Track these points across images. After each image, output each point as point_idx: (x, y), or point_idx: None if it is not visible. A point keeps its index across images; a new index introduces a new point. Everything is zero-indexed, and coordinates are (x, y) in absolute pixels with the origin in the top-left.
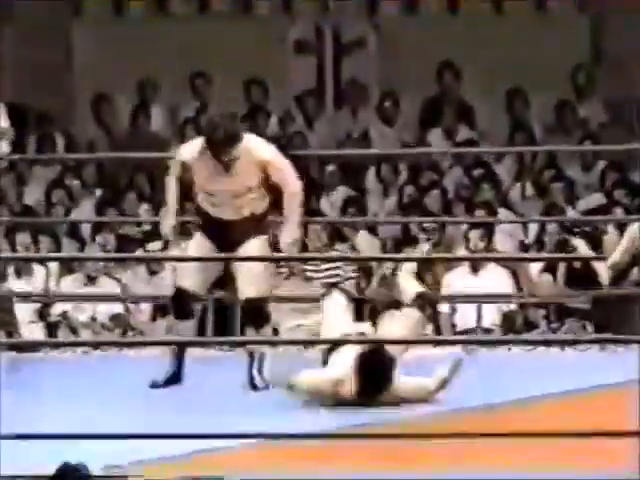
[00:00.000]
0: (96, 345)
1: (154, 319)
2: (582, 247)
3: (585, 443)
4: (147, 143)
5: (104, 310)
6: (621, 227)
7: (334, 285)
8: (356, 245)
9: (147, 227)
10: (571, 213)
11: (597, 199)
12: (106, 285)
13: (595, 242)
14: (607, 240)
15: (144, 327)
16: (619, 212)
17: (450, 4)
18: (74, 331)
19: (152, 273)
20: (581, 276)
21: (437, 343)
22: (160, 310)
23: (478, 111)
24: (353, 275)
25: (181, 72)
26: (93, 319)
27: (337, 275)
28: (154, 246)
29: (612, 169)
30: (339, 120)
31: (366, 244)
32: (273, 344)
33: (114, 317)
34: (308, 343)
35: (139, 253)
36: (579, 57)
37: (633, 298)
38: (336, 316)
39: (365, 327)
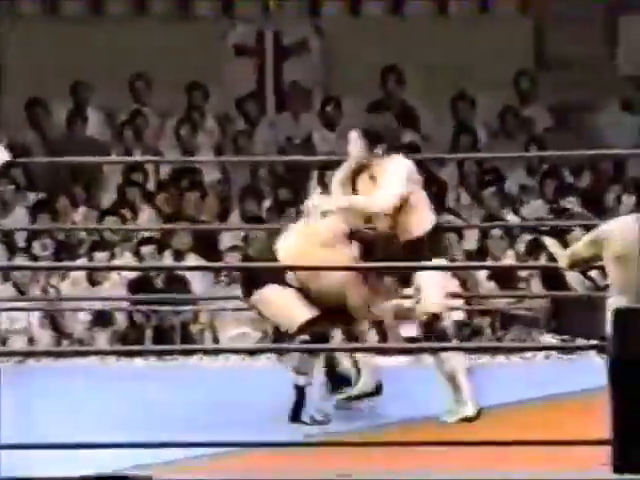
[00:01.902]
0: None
1: (93, 329)
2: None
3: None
4: (84, 147)
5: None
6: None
7: None
8: None
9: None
10: (513, 218)
11: (539, 205)
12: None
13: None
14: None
15: (84, 336)
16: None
17: (393, 6)
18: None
19: (94, 283)
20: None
21: (383, 352)
22: (100, 320)
23: (422, 115)
24: None
25: (119, 74)
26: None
27: None
28: (101, 256)
29: (553, 174)
30: (281, 124)
31: None
32: (217, 353)
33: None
34: (253, 352)
35: (82, 262)
36: (523, 60)
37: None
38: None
39: None
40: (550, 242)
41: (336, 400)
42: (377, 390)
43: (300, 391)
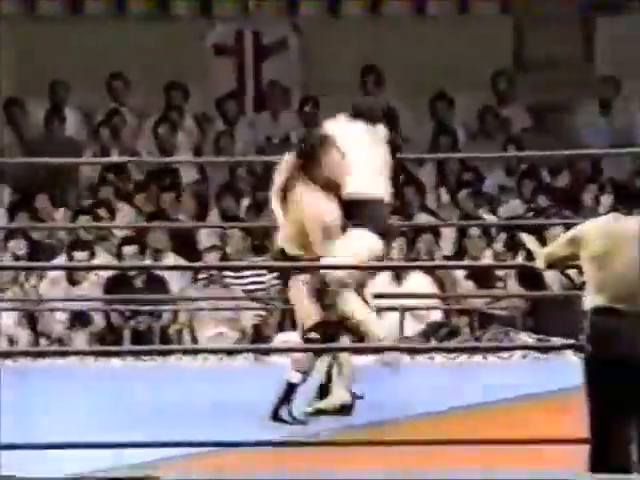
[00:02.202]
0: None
1: (71, 328)
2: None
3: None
4: (61, 147)
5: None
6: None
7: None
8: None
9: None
10: (491, 218)
11: (516, 205)
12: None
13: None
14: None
15: (62, 336)
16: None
17: (371, 6)
18: None
19: (73, 283)
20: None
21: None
22: (78, 320)
23: (401, 115)
24: (275, 282)
25: (97, 74)
26: None
27: (260, 282)
28: (80, 256)
29: (531, 174)
30: (260, 123)
31: None
32: (195, 353)
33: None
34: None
35: (60, 261)
36: (502, 61)
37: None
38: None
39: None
40: (527, 239)
41: (304, 412)
42: (348, 409)
43: (290, 389)
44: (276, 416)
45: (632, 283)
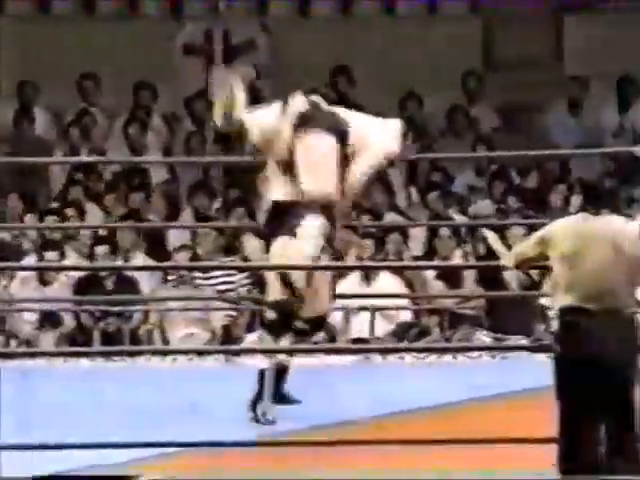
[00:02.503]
0: None
1: (40, 329)
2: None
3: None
4: (31, 147)
5: None
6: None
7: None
8: (248, 254)
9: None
10: (460, 218)
11: (486, 205)
12: None
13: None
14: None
15: (31, 337)
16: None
17: (341, 6)
18: None
19: (44, 283)
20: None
21: (331, 352)
22: (47, 320)
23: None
24: (245, 282)
25: (67, 74)
26: None
27: (230, 282)
28: (51, 256)
29: (501, 175)
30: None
31: (255, 250)
32: (165, 354)
33: None
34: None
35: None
36: (471, 60)
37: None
38: None
39: None
40: (490, 235)
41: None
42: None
43: (261, 376)
44: (254, 408)
45: (601, 282)
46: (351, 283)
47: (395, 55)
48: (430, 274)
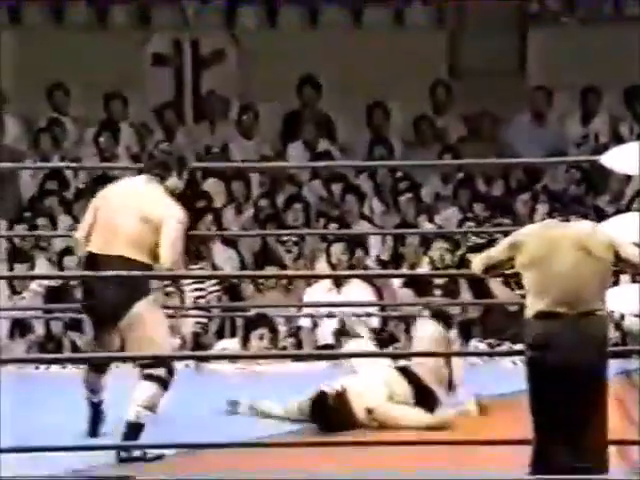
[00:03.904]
0: None
1: (12, 336)
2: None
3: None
4: (1, 156)
5: None
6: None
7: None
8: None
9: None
10: (428, 226)
11: (453, 212)
12: None
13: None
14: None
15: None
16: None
17: (309, 16)
18: None
19: (15, 293)
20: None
21: (298, 358)
22: (19, 328)
23: (338, 124)
24: (214, 289)
25: (36, 83)
26: None
27: (201, 289)
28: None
29: (467, 183)
30: (198, 133)
31: (223, 258)
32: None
33: None
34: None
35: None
36: (437, 71)
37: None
38: None
39: None
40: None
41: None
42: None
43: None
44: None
45: (572, 286)
46: (320, 291)
47: (362, 65)
48: (396, 282)
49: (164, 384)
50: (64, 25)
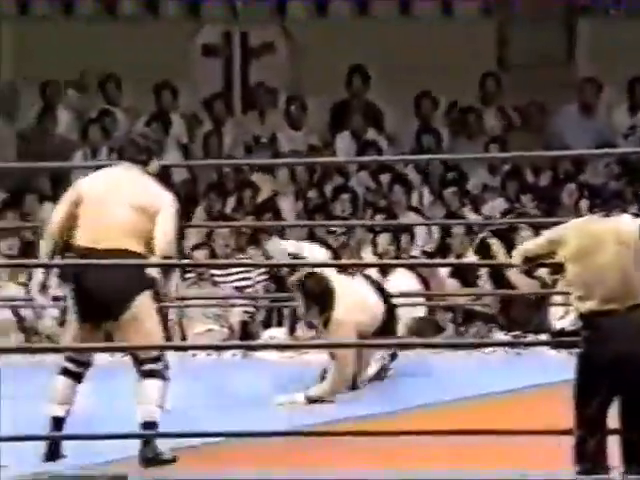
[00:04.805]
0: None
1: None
2: (496, 246)
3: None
4: (53, 145)
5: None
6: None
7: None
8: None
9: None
10: (474, 217)
11: (500, 203)
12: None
13: (508, 241)
14: (520, 238)
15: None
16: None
17: (359, 7)
18: None
19: None
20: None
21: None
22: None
23: (386, 114)
24: (262, 279)
25: (89, 74)
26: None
27: (248, 279)
28: None
29: (515, 174)
30: (247, 124)
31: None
32: (184, 349)
33: None
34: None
35: None
36: (486, 62)
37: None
38: None
39: None
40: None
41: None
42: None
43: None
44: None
45: (615, 282)
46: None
47: (411, 56)
48: (444, 272)
49: (165, 378)
50: (115, 17)
